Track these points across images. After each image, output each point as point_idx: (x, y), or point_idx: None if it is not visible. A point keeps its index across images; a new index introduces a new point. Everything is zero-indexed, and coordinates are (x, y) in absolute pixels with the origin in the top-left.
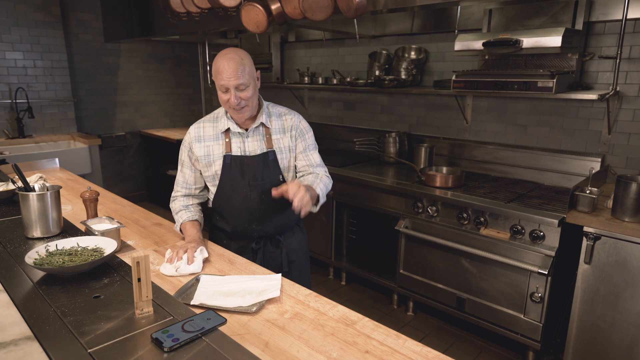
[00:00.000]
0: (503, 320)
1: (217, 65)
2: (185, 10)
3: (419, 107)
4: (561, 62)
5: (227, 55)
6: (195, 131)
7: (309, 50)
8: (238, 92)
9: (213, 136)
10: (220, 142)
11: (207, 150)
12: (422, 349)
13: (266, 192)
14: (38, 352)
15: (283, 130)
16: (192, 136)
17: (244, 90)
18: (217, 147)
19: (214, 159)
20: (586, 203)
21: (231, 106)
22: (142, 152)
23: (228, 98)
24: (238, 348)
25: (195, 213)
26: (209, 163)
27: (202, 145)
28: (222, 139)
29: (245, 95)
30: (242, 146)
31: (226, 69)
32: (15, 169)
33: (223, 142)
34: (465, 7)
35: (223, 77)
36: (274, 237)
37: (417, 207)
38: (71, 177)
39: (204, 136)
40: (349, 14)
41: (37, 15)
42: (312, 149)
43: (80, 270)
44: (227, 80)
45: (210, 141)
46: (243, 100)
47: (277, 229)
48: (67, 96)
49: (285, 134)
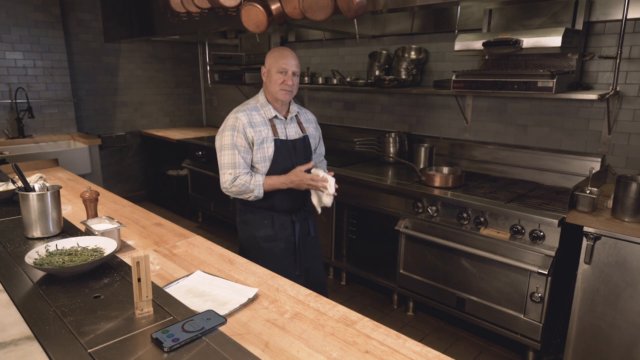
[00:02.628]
0: (503, 320)
1: (279, 52)
2: (185, 10)
3: (419, 107)
4: (561, 62)
5: (288, 49)
6: (245, 118)
7: (309, 50)
8: (293, 76)
9: (262, 122)
10: (269, 127)
11: (261, 135)
12: (422, 349)
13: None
14: (38, 352)
15: (308, 121)
16: (245, 122)
17: (296, 78)
18: (266, 131)
19: (267, 142)
20: (586, 203)
21: (285, 87)
22: (142, 152)
23: (283, 80)
24: (238, 348)
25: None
26: (262, 146)
27: (256, 131)
28: (268, 125)
29: (296, 82)
30: (284, 132)
31: (289, 56)
32: (15, 169)
33: (270, 127)
34: (465, 7)
35: (287, 61)
36: (304, 209)
37: (417, 207)
38: (71, 177)
39: (254, 122)
40: (349, 14)
41: (37, 15)
42: (322, 139)
43: (80, 270)
44: (289, 65)
45: (260, 126)
46: (294, 85)
47: (306, 201)
48: (67, 96)
49: (310, 124)
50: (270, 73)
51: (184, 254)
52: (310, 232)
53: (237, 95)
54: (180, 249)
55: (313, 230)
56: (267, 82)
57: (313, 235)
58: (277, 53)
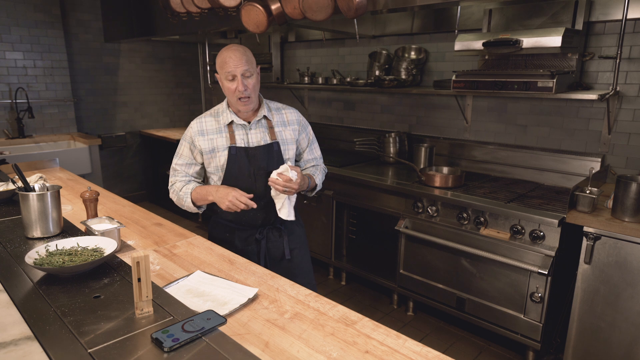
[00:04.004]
0: (503, 320)
1: (222, 56)
2: (185, 10)
3: (419, 107)
4: (561, 62)
5: (230, 48)
6: (197, 125)
7: (309, 50)
8: (244, 79)
9: (216, 129)
10: (224, 135)
11: (211, 143)
12: (422, 349)
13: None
14: (38, 352)
15: (284, 124)
16: (195, 130)
17: (249, 78)
18: (220, 139)
19: (219, 150)
20: (586, 203)
21: (238, 94)
22: (142, 152)
23: (235, 86)
24: (238, 348)
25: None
26: (214, 155)
27: (206, 139)
28: (226, 131)
29: (250, 83)
30: (246, 138)
31: (232, 58)
32: (15, 169)
33: (226, 134)
34: (465, 7)
35: (230, 65)
36: (276, 226)
37: (417, 207)
38: (71, 177)
39: (207, 130)
40: (349, 14)
41: (37, 15)
42: (314, 143)
43: (80, 270)
44: (234, 68)
45: (213, 134)
46: (248, 88)
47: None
48: (67, 96)
49: (287, 127)
50: (221, 81)
51: (184, 254)
52: (285, 255)
53: None
54: (180, 249)
55: (289, 253)
56: (224, 92)
57: (288, 258)
58: (220, 57)
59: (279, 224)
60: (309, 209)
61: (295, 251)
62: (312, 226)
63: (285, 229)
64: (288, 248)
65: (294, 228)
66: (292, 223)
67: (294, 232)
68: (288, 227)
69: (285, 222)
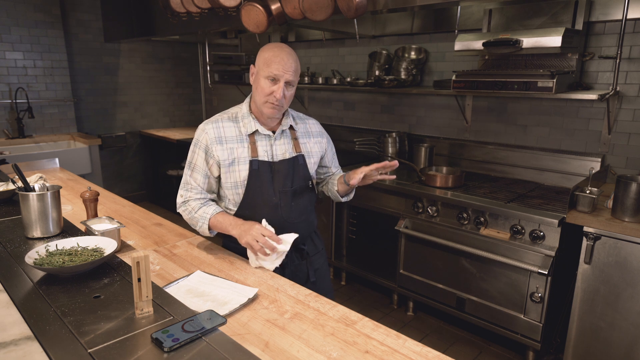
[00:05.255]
0: (503, 320)
1: (272, 53)
2: (185, 10)
3: (419, 107)
4: (561, 62)
5: (285, 49)
6: (214, 131)
7: (309, 50)
8: (286, 87)
9: (236, 137)
10: (246, 145)
11: (231, 154)
12: (422, 349)
13: (296, 200)
14: (38, 352)
15: (308, 135)
16: (212, 137)
17: (290, 89)
18: (241, 149)
19: (239, 163)
20: (586, 203)
21: (273, 100)
22: (142, 152)
23: (273, 91)
24: (238, 348)
25: (218, 207)
26: (233, 169)
27: (225, 148)
28: (247, 141)
29: (289, 94)
30: (270, 150)
31: (284, 61)
32: (15, 169)
33: (248, 145)
34: (465, 7)
35: (279, 67)
36: (298, 247)
37: (417, 207)
38: (71, 177)
39: (226, 137)
40: (349, 14)
41: (37, 15)
42: (335, 154)
43: (80, 270)
44: (282, 72)
45: (233, 143)
46: (285, 98)
47: (303, 238)
48: (67, 96)
49: (310, 139)
50: (258, 77)
51: (184, 254)
52: (310, 278)
53: (237, 95)
54: (180, 249)
55: (313, 275)
56: (254, 88)
57: (313, 280)
58: (270, 52)
59: (302, 245)
60: None
61: (318, 272)
62: None
63: (308, 248)
64: (313, 270)
65: (317, 246)
66: (315, 242)
67: (317, 251)
68: (311, 247)
69: (307, 241)
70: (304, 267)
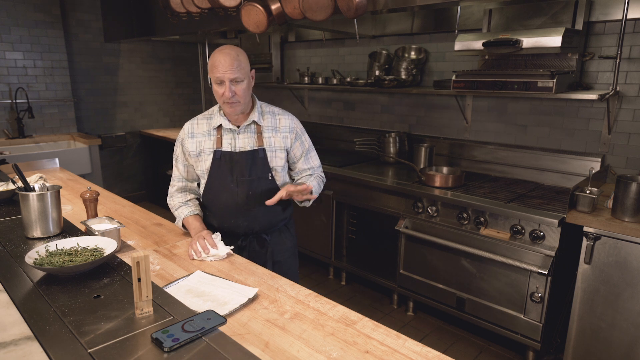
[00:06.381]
0: (503, 320)
1: (213, 59)
2: (185, 10)
3: (419, 107)
4: (561, 62)
5: (223, 51)
6: (189, 127)
7: (309, 50)
8: (232, 85)
9: (206, 132)
10: (212, 138)
11: (199, 146)
12: (422, 349)
13: (253, 189)
14: (38, 352)
15: (275, 130)
16: (186, 132)
17: (238, 84)
18: (208, 142)
19: (205, 154)
20: (586, 203)
21: (225, 99)
22: (142, 152)
23: (223, 91)
24: (238, 348)
25: (195, 208)
26: (200, 158)
27: (195, 141)
28: (214, 134)
29: (239, 89)
30: (233, 142)
31: (222, 63)
32: (15, 169)
33: (214, 137)
34: (465, 7)
35: (219, 70)
36: (260, 236)
37: (417, 207)
38: (71, 177)
39: (197, 132)
40: (349, 14)
41: (37, 15)
42: (311, 151)
43: (80, 270)
44: (222, 73)
45: (202, 137)
46: (237, 94)
47: (263, 227)
48: (67, 96)
49: (278, 134)
50: (213, 85)
51: (184, 254)
52: (267, 266)
53: None
54: (180, 249)
55: (271, 265)
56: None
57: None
58: (212, 59)
59: (264, 235)
60: (309, 209)
61: (279, 264)
62: (312, 226)
63: (271, 240)
64: (271, 260)
65: (284, 240)
66: (283, 234)
67: (282, 244)
68: (276, 238)
69: (272, 233)
70: (263, 255)
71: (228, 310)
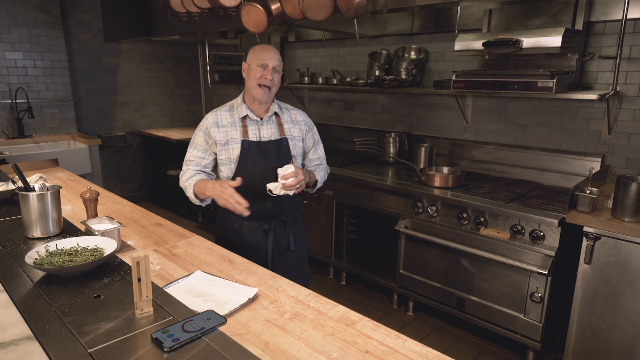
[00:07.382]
0: (503, 320)
1: (259, 47)
2: (185, 10)
3: (419, 107)
4: (561, 62)
5: (270, 46)
6: (213, 117)
7: (309, 50)
8: (273, 72)
9: (230, 123)
10: (238, 129)
11: (226, 135)
12: (422, 349)
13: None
14: (38, 352)
15: (293, 122)
16: (211, 122)
17: (276, 74)
18: (234, 132)
19: (233, 143)
20: (586, 203)
21: (263, 81)
22: (142, 152)
23: (263, 74)
24: (238, 348)
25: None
26: (227, 147)
27: (221, 131)
28: (240, 125)
29: (276, 78)
30: (258, 133)
31: (269, 51)
32: (15, 169)
33: (240, 128)
34: (465, 7)
35: (266, 55)
36: (282, 218)
37: (417, 207)
38: (71, 177)
39: (222, 123)
40: (349, 14)
41: (37, 15)
42: (319, 144)
43: (80, 270)
44: (269, 58)
45: (228, 127)
46: (274, 80)
47: (285, 208)
48: (67, 96)
49: (295, 126)
50: (250, 67)
51: (184, 254)
52: (290, 246)
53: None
54: (180, 249)
55: (293, 244)
56: (246, 78)
57: (293, 249)
58: (259, 48)
59: (285, 217)
60: (309, 209)
61: (298, 243)
62: (312, 226)
63: (290, 220)
64: (293, 239)
65: (297, 220)
66: (295, 216)
67: (297, 224)
68: (292, 219)
69: (290, 214)
70: (286, 236)
71: (228, 310)
